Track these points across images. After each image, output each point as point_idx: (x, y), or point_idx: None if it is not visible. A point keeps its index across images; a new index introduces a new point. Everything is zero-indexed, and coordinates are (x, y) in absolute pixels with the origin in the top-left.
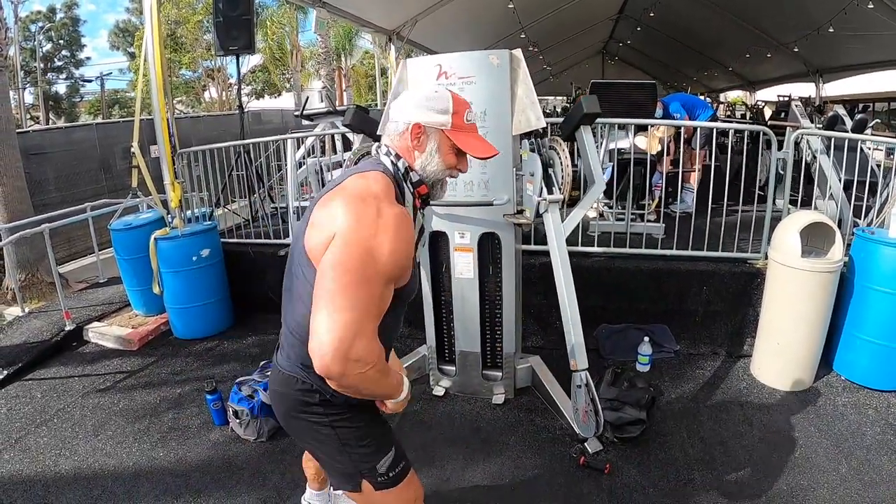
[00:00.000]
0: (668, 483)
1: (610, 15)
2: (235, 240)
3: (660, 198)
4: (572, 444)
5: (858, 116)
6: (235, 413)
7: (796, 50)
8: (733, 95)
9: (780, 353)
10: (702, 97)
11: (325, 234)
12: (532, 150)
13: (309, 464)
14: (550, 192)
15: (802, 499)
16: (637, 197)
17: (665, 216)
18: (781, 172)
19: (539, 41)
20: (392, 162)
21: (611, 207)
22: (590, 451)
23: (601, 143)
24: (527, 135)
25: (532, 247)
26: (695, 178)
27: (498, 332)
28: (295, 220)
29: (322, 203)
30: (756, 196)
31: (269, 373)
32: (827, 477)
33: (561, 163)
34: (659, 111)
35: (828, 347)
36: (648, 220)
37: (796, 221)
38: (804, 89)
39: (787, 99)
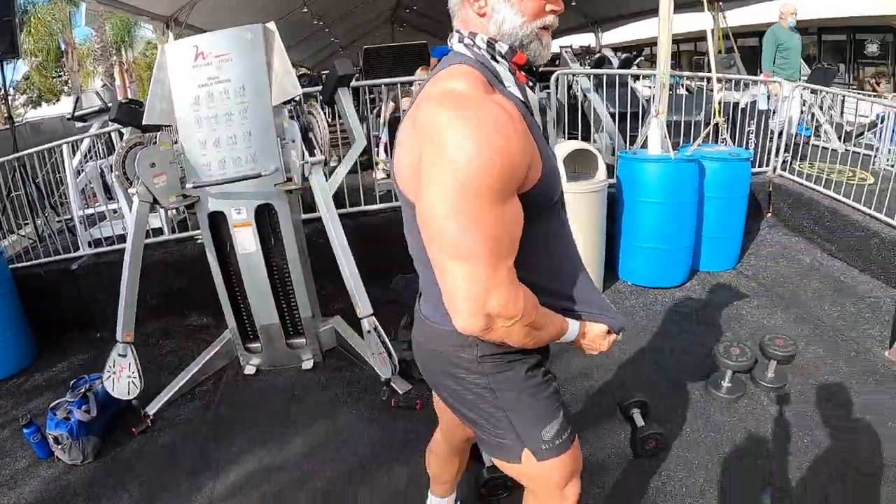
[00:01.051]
0: None
1: None
2: (25, 263)
3: None
4: (382, 390)
5: (623, 56)
6: (56, 439)
7: (574, 3)
8: None
9: None
10: None
11: (410, 166)
12: (291, 118)
13: (433, 460)
14: (312, 154)
15: (596, 391)
16: None
17: None
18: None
19: (324, 14)
20: (469, 44)
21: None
22: (399, 392)
23: (381, 107)
24: (286, 103)
25: (347, 210)
26: None
27: (293, 301)
28: (83, 230)
29: (402, 127)
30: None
31: (82, 390)
32: (621, 369)
33: (319, 126)
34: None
35: (614, 260)
36: None
37: (560, 151)
38: (585, 39)
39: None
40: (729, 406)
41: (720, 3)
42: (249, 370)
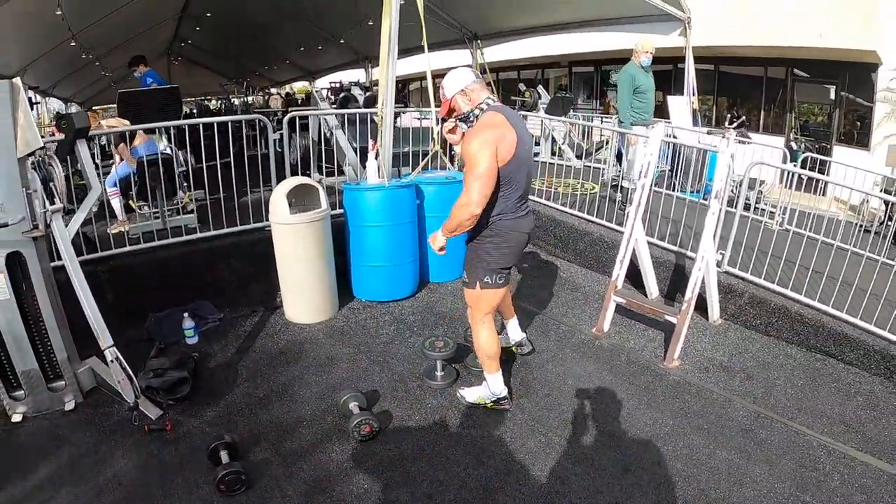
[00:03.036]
0: (220, 419)
1: (171, 15)
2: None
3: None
4: (133, 415)
5: (368, 94)
6: None
7: (342, 42)
8: (299, 85)
9: (301, 294)
10: (277, 91)
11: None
12: (33, 168)
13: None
14: (53, 203)
15: (323, 393)
16: (168, 193)
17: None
18: (279, 150)
19: (95, 48)
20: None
21: (141, 209)
22: (151, 417)
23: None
24: (29, 155)
25: (99, 254)
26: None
27: (49, 345)
28: None
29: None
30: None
31: None
32: (345, 373)
33: (58, 176)
34: None
35: (349, 281)
36: (185, 213)
37: (283, 186)
38: (357, 75)
39: (337, 85)
40: (443, 391)
41: (479, 42)
42: (17, 418)
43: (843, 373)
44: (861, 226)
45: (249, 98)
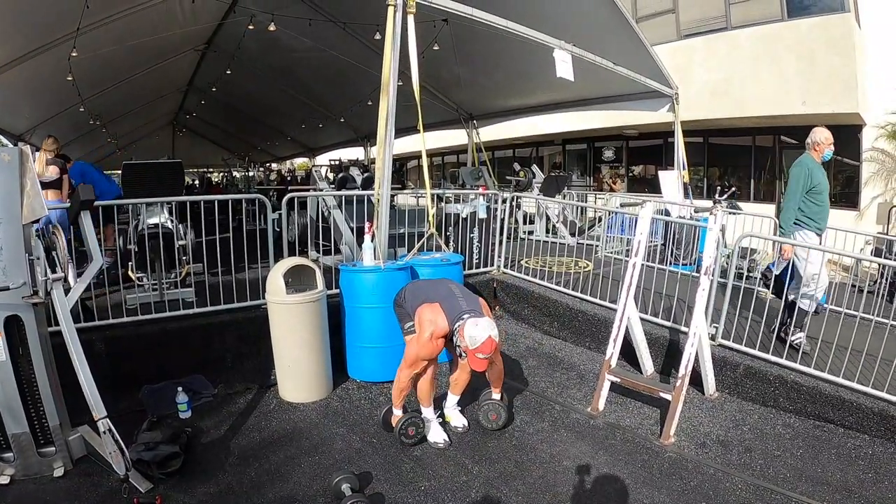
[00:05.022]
0: (211, 496)
1: (178, 87)
2: None
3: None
4: (123, 487)
5: (366, 175)
6: None
7: (342, 121)
8: (300, 161)
9: (294, 373)
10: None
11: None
12: (37, 235)
13: (428, 385)
14: (54, 271)
15: (312, 474)
16: (167, 267)
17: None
18: (278, 230)
19: (102, 114)
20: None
21: (141, 280)
22: (141, 490)
23: (137, 222)
24: (34, 222)
25: (96, 323)
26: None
27: (42, 410)
28: None
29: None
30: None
31: None
32: (338, 454)
33: (60, 245)
34: None
35: (343, 360)
36: (185, 287)
37: (280, 266)
38: (356, 153)
39: (336, 163)
40: (436, 474)
41: (474, 122)
42: (3, 480)
43: (843, 438)
44: (854, 286)
45: (251, 172)
